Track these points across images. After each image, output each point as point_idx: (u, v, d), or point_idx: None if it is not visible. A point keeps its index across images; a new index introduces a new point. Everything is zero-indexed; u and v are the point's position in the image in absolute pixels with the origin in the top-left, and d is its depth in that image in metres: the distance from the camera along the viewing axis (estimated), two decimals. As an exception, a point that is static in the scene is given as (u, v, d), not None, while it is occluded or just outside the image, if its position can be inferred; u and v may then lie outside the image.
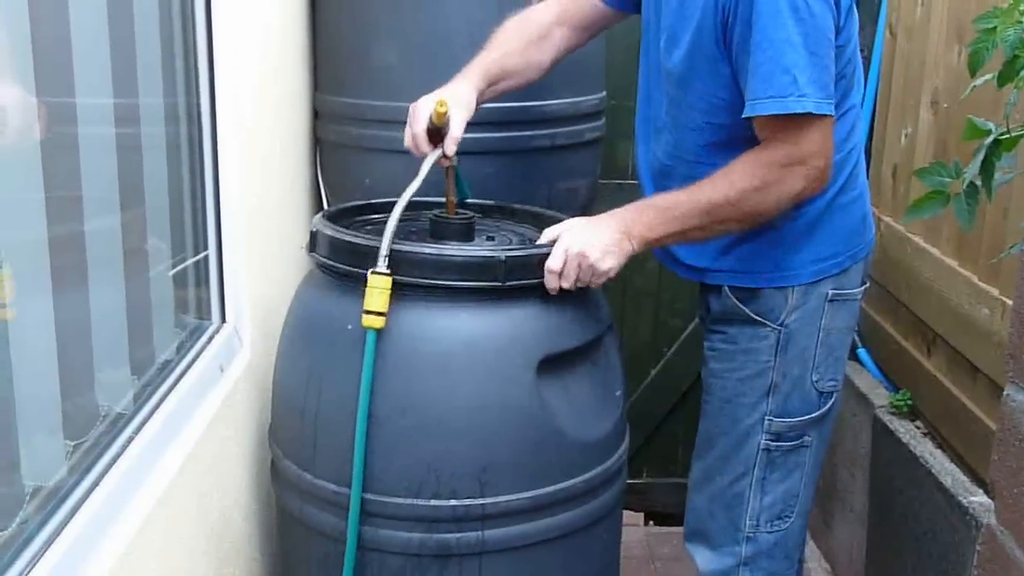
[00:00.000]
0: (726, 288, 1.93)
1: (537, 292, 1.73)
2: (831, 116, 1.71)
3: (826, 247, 1.89)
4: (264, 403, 1.97)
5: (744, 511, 1.96)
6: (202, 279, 1.86)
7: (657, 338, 3.11)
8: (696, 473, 2.04)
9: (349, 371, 1.67)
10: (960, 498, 2.06)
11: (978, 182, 1.44)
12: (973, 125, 1.44)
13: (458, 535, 1.70)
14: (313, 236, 1.81)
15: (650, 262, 3.01)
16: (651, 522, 3.16)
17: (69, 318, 1.33)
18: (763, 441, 1.94)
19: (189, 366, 1.71)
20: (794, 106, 1.66)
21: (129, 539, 1.32)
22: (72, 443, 1.33)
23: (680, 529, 2.10)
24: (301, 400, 1.77)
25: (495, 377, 1.69)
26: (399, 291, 1.66)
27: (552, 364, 1.73)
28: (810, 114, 1.66)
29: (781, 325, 1.89)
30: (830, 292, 1.90)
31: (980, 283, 2.17)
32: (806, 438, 1.95)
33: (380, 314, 1.64)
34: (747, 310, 1.90)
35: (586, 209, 2.32)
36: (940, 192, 1.51)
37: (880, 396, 2.62)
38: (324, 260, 1.78)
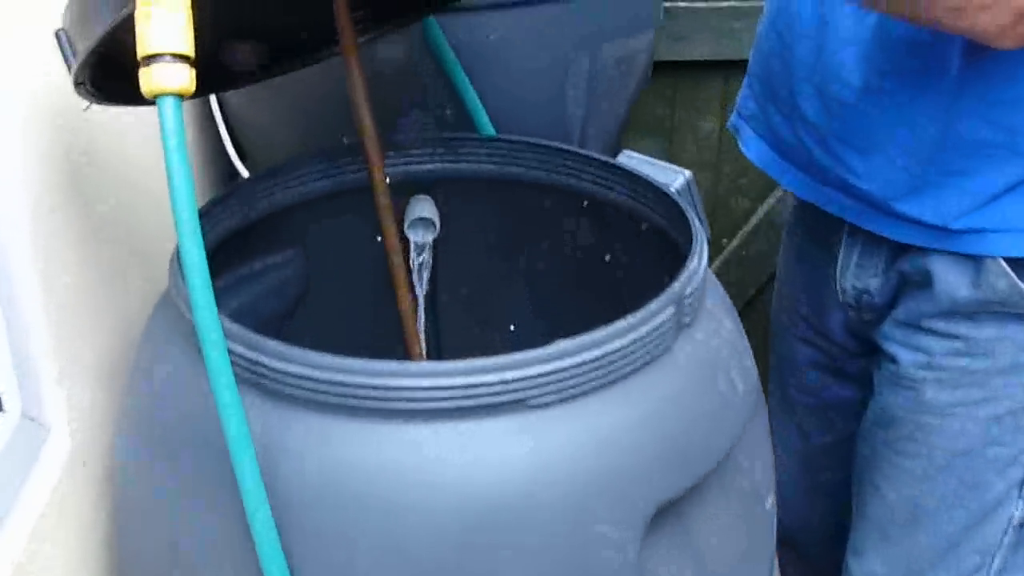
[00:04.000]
0: (1001, 262, 1.04)
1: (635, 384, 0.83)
2: None
3: None
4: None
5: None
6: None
7: (716, 226, 2.20)
8: (867, 568, 1.20)
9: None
10: None
11: None
12: None
13: None
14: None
15: (707, 120, 2.13)
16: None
17: None
18: (1019, 513, 1.14)
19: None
20: None
21: None
22: None
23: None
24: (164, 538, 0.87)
25: (568, 542, 0.79)
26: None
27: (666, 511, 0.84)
28: None
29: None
30: None
31: None
32: None
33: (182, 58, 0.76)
34: None
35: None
36: None
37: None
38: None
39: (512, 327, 1.31)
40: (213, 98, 1.48)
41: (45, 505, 0.95)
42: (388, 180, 1.10)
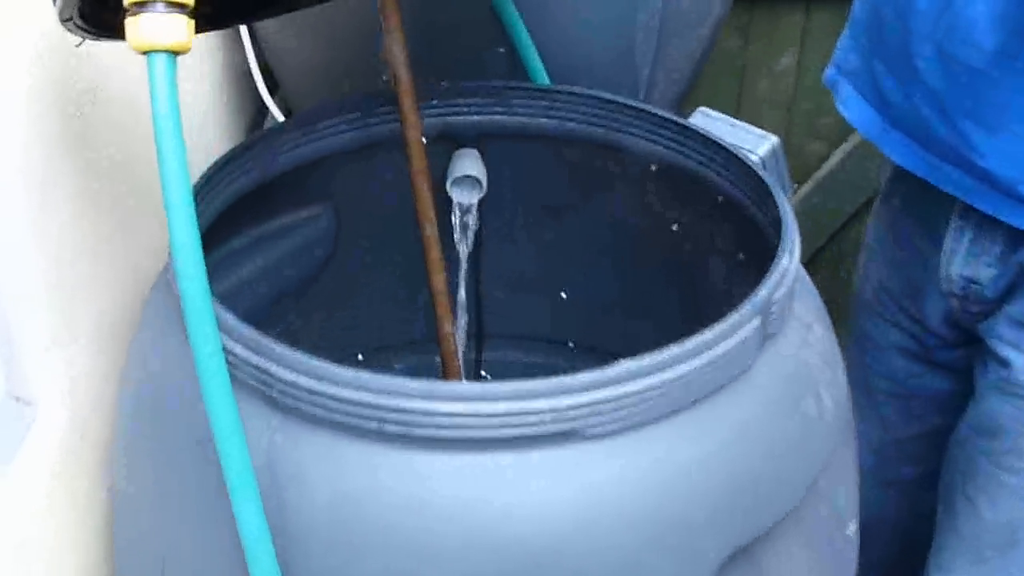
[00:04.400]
0: None
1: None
2: None
3: None
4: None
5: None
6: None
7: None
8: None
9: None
10: None
11: None
12: None
13: None
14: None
15: (784, 55, 1.95)
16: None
17: None
18: None
19: None
20: None
21: None
22: None
23: None
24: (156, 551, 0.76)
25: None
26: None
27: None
28: None
29: None
30: None
31: None
32: None
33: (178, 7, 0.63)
34: None
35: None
36: None
37: None
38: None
39: (563, 294, 1.18)
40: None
41: (42, 483, 0.85)
42: (425, 138, 0.96)
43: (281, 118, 1.30)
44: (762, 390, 0.73)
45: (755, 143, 0.99)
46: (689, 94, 1.41)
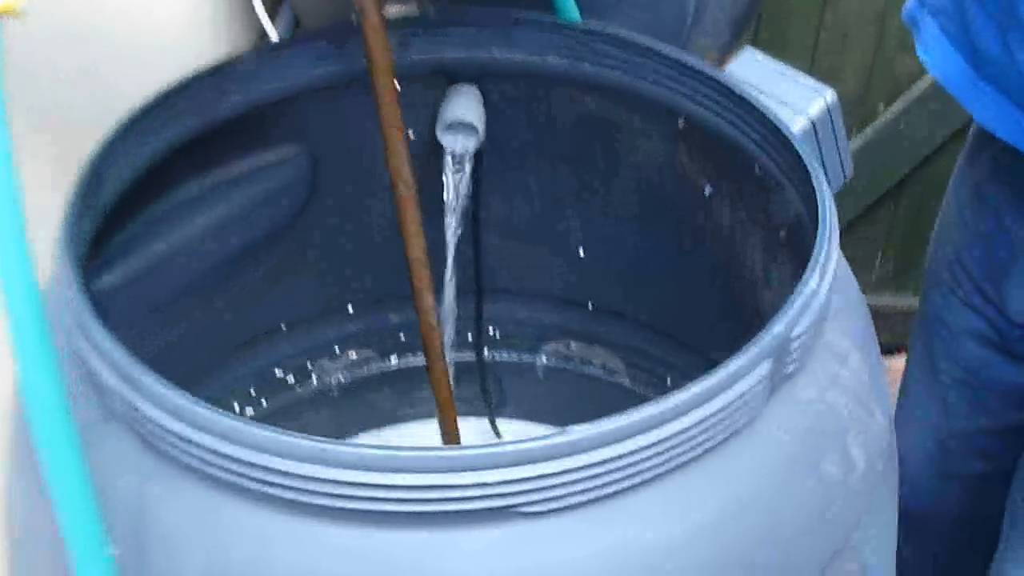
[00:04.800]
0: None
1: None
2: None
3: None
4: None
5: None
6: None
7: (871, 88, 1.81)
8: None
9: None
10: None
11: None
12: None
13: None
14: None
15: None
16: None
17: None
18: None
19: None
20: None
21: None
22: None
23: None
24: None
25: None
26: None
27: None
28: None
29: None
30: None
31: None
32: None
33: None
34: None
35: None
36: None
37: None
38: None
39: (581, 252, 1.02)
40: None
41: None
42: (414, 76, 0.80)
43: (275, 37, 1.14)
44: (767, 450, 0.57)
45: (805, 98, 0.81)
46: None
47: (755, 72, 0.81)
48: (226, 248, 0.91)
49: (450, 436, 0.99)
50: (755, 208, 0.84)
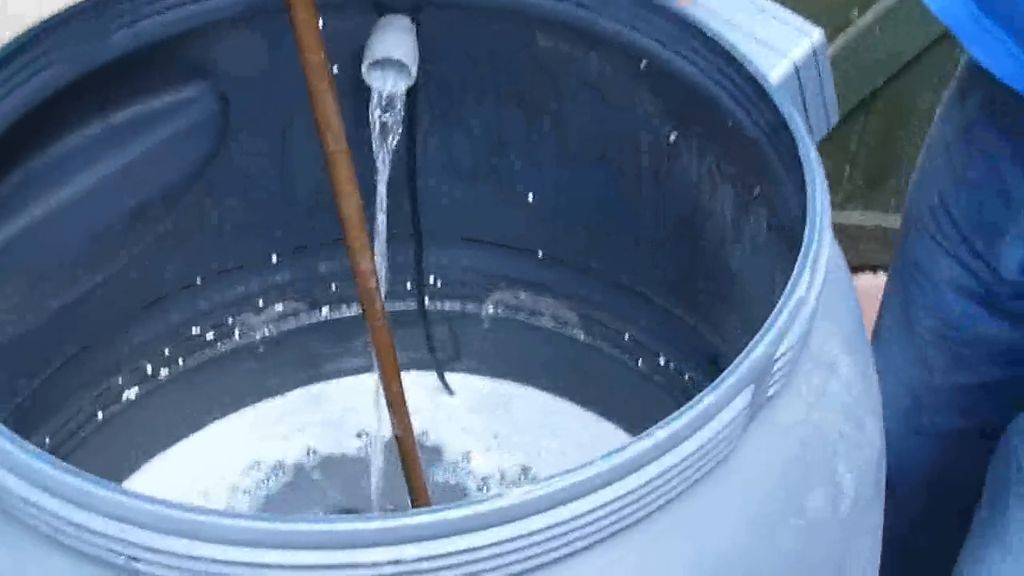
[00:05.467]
0: None
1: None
2: None
3: None
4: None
5: None
6: None
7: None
8: None
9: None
10: None
11: None
12: None
13: None
14: None
15: None
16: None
17: None
18: None
19: None
20: None
21: None
22: None
23: None
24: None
25: None
26: None
27: None
28: None
29: None
30: None
31: None
32: None
33: None
34: None
35: None
36: None
37: None
38: None
39: (530, 197, 0.92)
40: None
41: None
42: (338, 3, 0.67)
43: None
44: (743, 492, 0.48)
45: (789, 39, 0.70)
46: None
47: (731, 5, 0.70)
48: (121, 203, 0.79)
49: (398, 408, 0.88)
50: (726, 160, 0.74)
